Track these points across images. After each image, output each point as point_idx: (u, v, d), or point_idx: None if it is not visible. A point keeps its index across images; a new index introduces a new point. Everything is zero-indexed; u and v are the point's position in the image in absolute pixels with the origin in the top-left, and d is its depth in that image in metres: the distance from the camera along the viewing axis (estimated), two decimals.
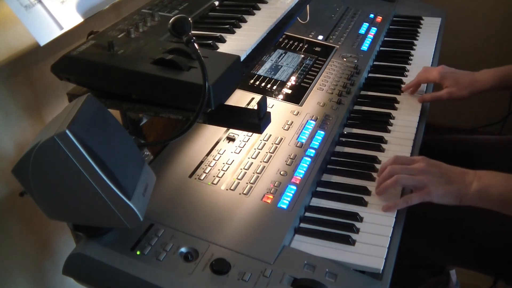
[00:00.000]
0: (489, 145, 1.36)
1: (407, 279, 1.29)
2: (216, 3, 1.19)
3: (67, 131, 0.68)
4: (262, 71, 1.33)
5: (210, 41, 0.98)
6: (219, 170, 1.00)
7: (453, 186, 0.95)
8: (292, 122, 1.15)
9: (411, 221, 1.06)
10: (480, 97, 1.30)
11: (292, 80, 1.31)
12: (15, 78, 1.01)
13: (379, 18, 1.69)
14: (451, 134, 1.47)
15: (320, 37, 1.53)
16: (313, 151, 1.07)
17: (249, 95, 1.23)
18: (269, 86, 1.28)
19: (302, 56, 1.42)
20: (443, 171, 0.98)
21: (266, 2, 1.20)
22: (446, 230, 1.16)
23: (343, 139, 1.17)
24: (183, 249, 0.83)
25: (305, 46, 1.47)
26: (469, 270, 1.24)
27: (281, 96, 1.24)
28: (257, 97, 1.22)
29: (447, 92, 1.27)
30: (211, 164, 1.02)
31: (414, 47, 1.59)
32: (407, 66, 1.48)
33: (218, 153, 1.05)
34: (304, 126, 1.14)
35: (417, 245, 1.20)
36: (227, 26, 1.06)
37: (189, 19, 0.87)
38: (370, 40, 1.55)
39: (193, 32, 0.86)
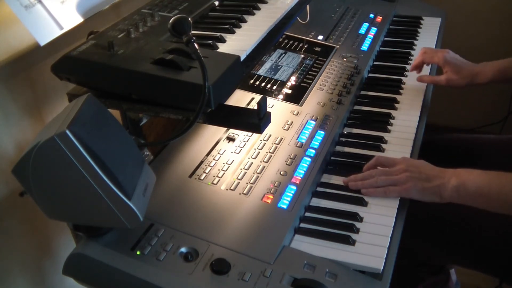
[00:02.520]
0: (489, 144, 1.37)
1: (407, 278, 1.29)
2: (216, 3, 1.19)
3: (67, 131, 0.68)
4: (262, 71, 1.33)
5: (210, 41, 0.98)
6: (219, 170, 1.00)
7: (431, 183, 0.98)
8: (292, 122, 1.15)
9: (412, 221, 1.06)
10: (480, 97, 1.30)
11: (292, 80, 1.31)
12: (15, 78, 1.01)
13: (379, 18, 1.69)
14: (451, 133, 1.47)
15: (320, 37, 1.53)
16: (313, 151, 1.07)
17: (249, 95, 1.23)
18: (269, 86, 1.28)
19: (302, 56, 1.42)
20: (422, 170, 1.00)
21: (266, 2, 1.20)
22: (448, 230, 1.16)
23: (343, 139, 1.17)
24: (183, 249, 0.83)
25: (305, 46, 1.47)
26: (471, 270, 1.24)
27: (281, 96, 1.24)
28: (257, 97, 1.22)
29: (446, 78, 1.29)
30: (211, 164, 1.02)
31: (414, 47, 1.59)
32: (407, 66, 1.47)
33: (218, 153, 1.05)
34: (304, 126, 1.14)
35: (418, 245, 1.20)
36: (227, 26, 1.06)
37: (189, 19, 0.87)
38: (370, 40, 1.55)
39: (193, 32, 0.86)
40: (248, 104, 1.19)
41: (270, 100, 1.22)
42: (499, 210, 0.96)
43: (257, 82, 1.28)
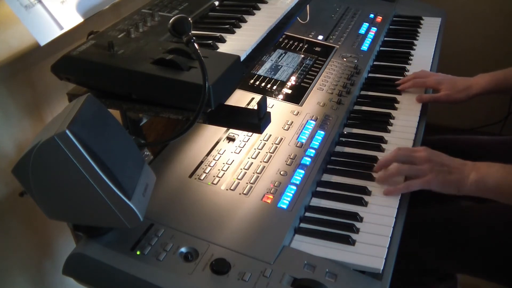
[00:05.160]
0: (489, 146, 1.37)
1: (413, 286, 1.28)
2: (216, 3, 1.19)
3: (67, 131, 0.68)
4: (262, 71, 1.33)
5: (210, 41, 0.98)
6: (219, 170, 1.00)
7: (452, 176, 0.99)
8: (292, 122, 1.15)
9: (418, 228, 1.05)
10: (480, 97, 1.31)
11: (292, 80, 1.31)
12: (15, 78, 1.01)
13: (379, 18, 1.69)
14: (451, 134, 1.47)
15: (320, 37, 1.53)
16: (313, 151, 1.07)
17: (249, 95, 1.23)
18: (269, 86, 1.28)
19: (302, 56, 1.42)
20: (444, 162, 1.01)
21: (266, 2, 1.20)
22: (455, 239, 1.14)
23: (343, 139, 1.17)
24: (183, 249, 0.83)
25: (305, 46, 1.47)
26: (481, 279, 1.23)
27: (281, 96, 1.24)
28: (257, 97, 1.22)
29: (445, 94, 1.30)
30: (211, 164, 1.02)
31: (414, 47, 1.59)
32: (407, 66, 1.47)
33: (218, 153, 1.05)
34: (304, 126, 1.14)
35: (425, 253, 1.19)
36: (227, 26, 1.06)
37: (189, 19, 0.87)
38: (370, 40, 1.55)
39: (193, 32, 0.86)
40: (248, 104, 1.19)
41: (270, 100, 1.22)
42: None
43: (257, 82, 1.28)
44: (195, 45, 0.84)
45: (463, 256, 1.15)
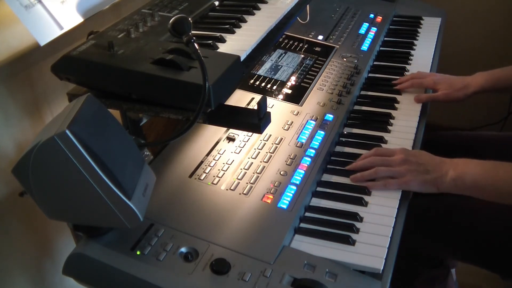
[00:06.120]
0: (489, 141, 1.37)
1: (404, 272, 1.29)
2: (216, 3, 1.19)
3: (67, 131, 0.68)
4: (262, 71, 1.33)
5: (210, 41, 0.98)
6: (219, 170, 1.00)
7: (430, 175, 0.99)
8: (292, 122, 1.15)
9: (412, 216, 1.05)
10: (480, 97, 1.31)
11: (292, 80, 1.31)
12: (15, 78, 1.01)
13: (379, 18, 1.69)
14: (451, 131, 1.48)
15: (320, 37, 1.53)
16: (313, 151, 1.07)
17: (249, 95, 1.23)
18: (269, 86, 1.28)
19: (302, 56, 1.42)
20: (422, 161, 1.02)
21: (266, 2, 1.20)
22: (450, 225, 1.16)
23: (343, 139, 1.17)
24: (183, 249, 0.83)
25: (305, 46, 1.47)
26: (472, 265, 1.24)
27: (281, 96, 1.24)
28: (257, 97, 1.22)
29: (443, 93, 1.30)
30: (211, 164, 1.02)
31: (414, 47, 1.59)
32: (407, 66, 1.48)
33: (218, 153, 1.05)
34: (304, 126, 1.14)
35: (418, 241, 1.20)
36: (227, 26, 1.06)
37: (189, 19, 0.87)
38: (370, 40, 1.55)
39: (193, 32, 0.86)
40: (248, 104, 1.19)
41: (270, 100, 1.22)
42: (494, 199, 0.98)
43: (257, 82, 1.28)
44: (195, 45, 0.84)
45: (460, 244, 1.16)
